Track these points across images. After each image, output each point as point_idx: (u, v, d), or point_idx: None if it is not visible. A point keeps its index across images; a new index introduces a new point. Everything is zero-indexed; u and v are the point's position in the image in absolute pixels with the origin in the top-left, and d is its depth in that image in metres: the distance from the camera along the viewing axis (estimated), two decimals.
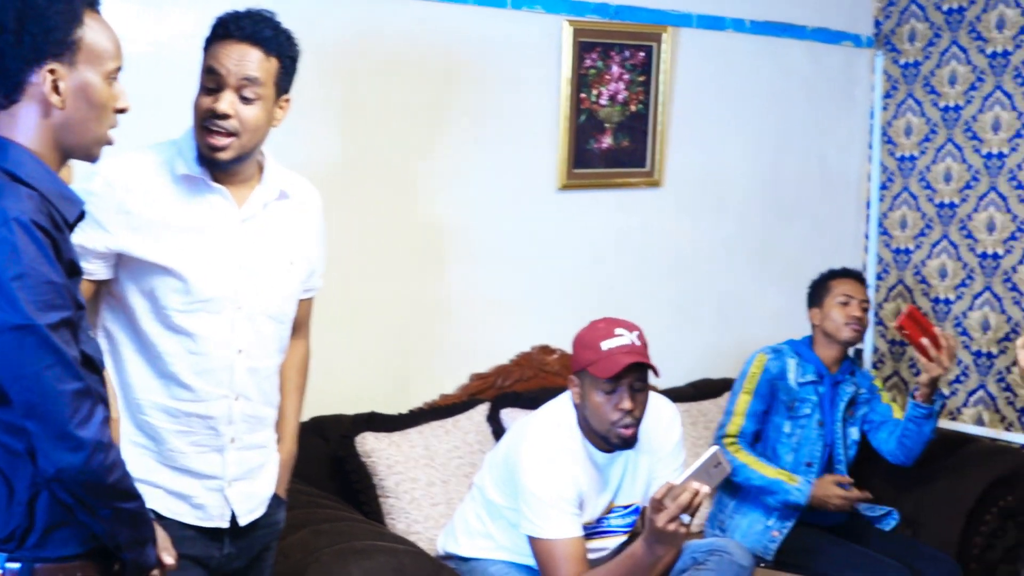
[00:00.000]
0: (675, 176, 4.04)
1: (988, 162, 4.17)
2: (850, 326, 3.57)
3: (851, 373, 3.66)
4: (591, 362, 2.79)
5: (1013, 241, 4.09)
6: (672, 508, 2.48)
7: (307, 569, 2.55)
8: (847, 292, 3.61)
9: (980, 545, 3.67)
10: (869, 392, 3.69)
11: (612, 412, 2.79)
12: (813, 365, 3.58)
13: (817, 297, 3.67)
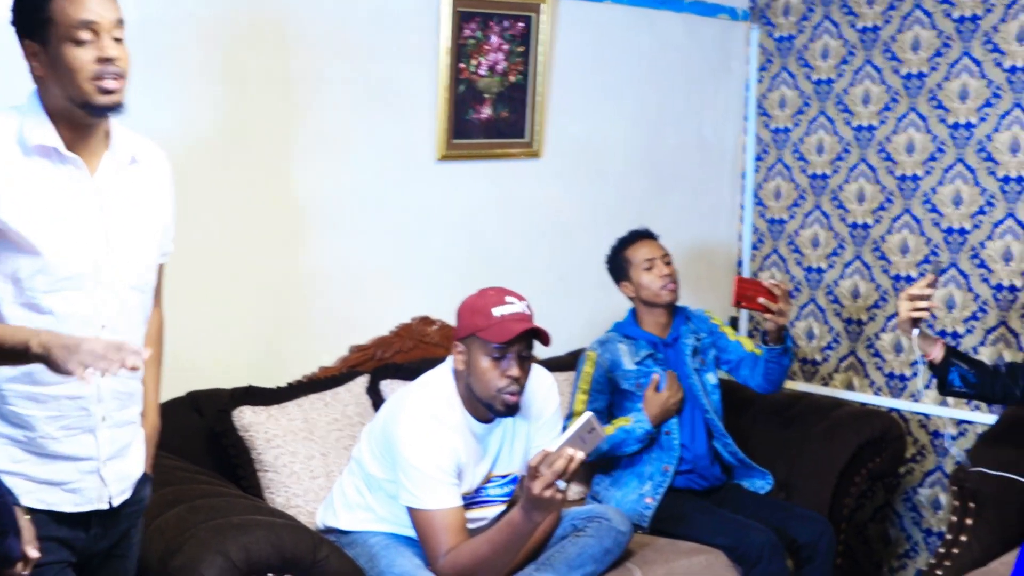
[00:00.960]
0: (554, 147, 4.06)
1: (858, 134, 4.27)
2: (666, 287, 3.60)
3: (687, 320, 3.71)
4: (482, 328, 2.80)
5: (882, 211, 4.21)
6: (548, 475, 2.51)
7: (183, 546, 2.52)
8: (647, 255, 3.63)
9: (850, 506, 3.78)
10: (710, 334, 3.74)
11: (499, 379, 2.81)
12: (644, 340, 3.61)
13: (621, 271, 3.68)
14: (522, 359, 2.84)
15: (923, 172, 4.08)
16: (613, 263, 3.73)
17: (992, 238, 3.89)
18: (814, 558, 3.42)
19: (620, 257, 3.69)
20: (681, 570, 3.27)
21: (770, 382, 3.67)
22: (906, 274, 4.13)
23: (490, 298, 2.86)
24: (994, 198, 3.88)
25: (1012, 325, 3.85)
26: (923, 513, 4.15)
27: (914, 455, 4.15)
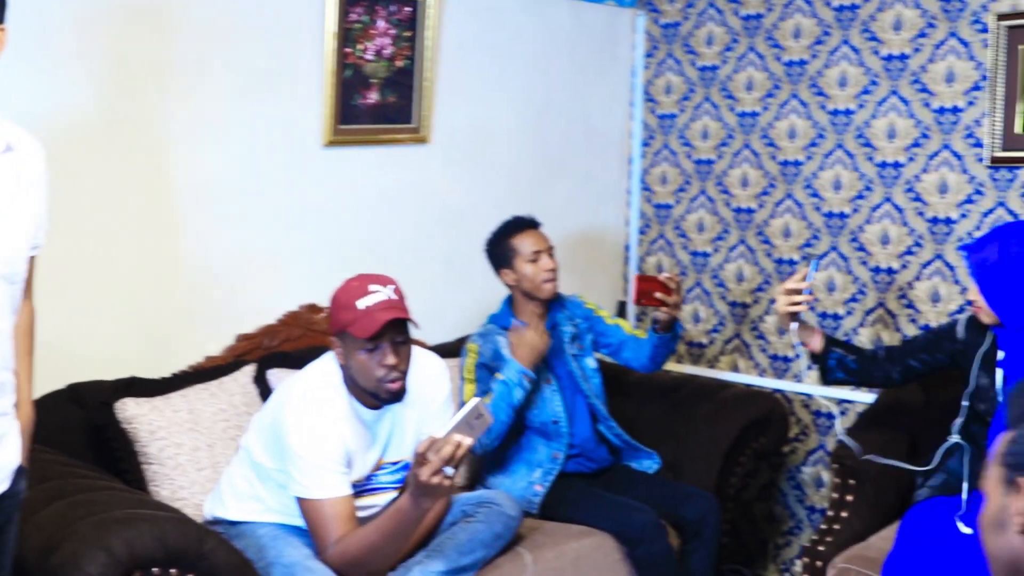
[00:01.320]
0: (442, 133, 4.05)
1: (742, 120, 4.34)
2: (548, 282, 3.58)
3: (562, 307, 3.72)
4: (349, 322, 2.77)
5: (765, 196, 4.29)
6: (435, 461, 2.50)
7: (63, 542, 2.45)
8: (534, 247, 3.59)
9: (736, 485, 3.84)
10: (586, 319, 3.76)
11: (377, 369, 2.79)
12: None
13: (504, 259, 3.62)
14: (397, 345, 2.81)
15: (804, 157, 4.16)
16: (496, 249, 3.66)
17: (871, 222, 3.99)
18: (701, 534, 3.48)
19: (505, 244, 3.63)
20: (571, 553, 3.30)
21: (656, 364, 3.72)
22: (788, 257, 4.22)
23: (353, 290, 2.82)
24: (872, 183, 3.98)
25: (890, 307, 3.95)
26: (806, 491, 4.25)
27: (797, 435, 4.24)
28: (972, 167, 3.73)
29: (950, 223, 3.79)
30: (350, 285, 2.85)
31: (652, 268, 4.67)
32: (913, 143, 3.87)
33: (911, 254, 3.89)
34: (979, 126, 3.71)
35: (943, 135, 3.79)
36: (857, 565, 3.13)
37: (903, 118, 3.89)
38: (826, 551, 3.25)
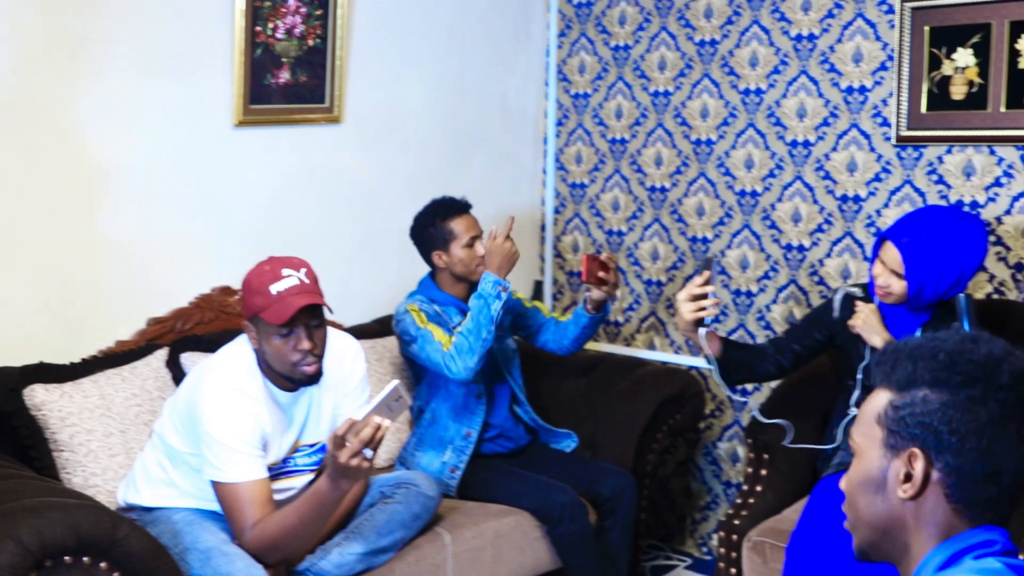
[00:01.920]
0: (355, 112, 4.01)
1: (655, 100, 4.37)
2: (479, 267, 3.56)
3: None
4: (262, 308, 2.74)
5: (679, 175, 4.32)
6: (354, 443, 2.49)
7: None
8: (471, 232, 3.58)
9: (653, 461, 3.88)
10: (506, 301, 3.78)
11: (292, 354, 2.77)
12: (454, 307, 3.61)
13: (439, 241, 3.59)
14: (311, 329, 2.79)
15: (717, 137, 4.20)
16: (429, 230, 3.61)
17: (782, 200, 4.05)
18: (617, 511, 3.52)
19: (441, 227, 3.58)
20: (490, 532, 3.31)
21: (579, 346, 3.74)
22: (702, 235, 4.26)
23: (266, 275, 2.78)
24: (783, 161, 4.03)
25: (802, 284, 4.02)
26: (722, 466, 4.31)
27: (713, 411, 4.30)
28: (880, 146, 3.80)
29: (859, 201, 3.86)
30: (262, 269, 2.81)
31: (568, 248, 4.69)
32: (822, 122, 3.93)
33: (821, 231, 3.96)
34: (886, 106, 3.77)
35: (851, 114, 3.85)
36: (771, 538, 3.19)
37: (813, 98, 3.94)
38: (741, 525, 3.30)
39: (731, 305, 4.20)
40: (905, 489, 1.46)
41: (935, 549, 1.45)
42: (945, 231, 3.05)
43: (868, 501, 1.51)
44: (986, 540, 1.44)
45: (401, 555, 3.06)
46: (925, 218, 3.11)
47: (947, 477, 1.44)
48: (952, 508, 1.45)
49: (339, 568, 2.89)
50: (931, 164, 3.69)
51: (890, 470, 1.48)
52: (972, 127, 3.57)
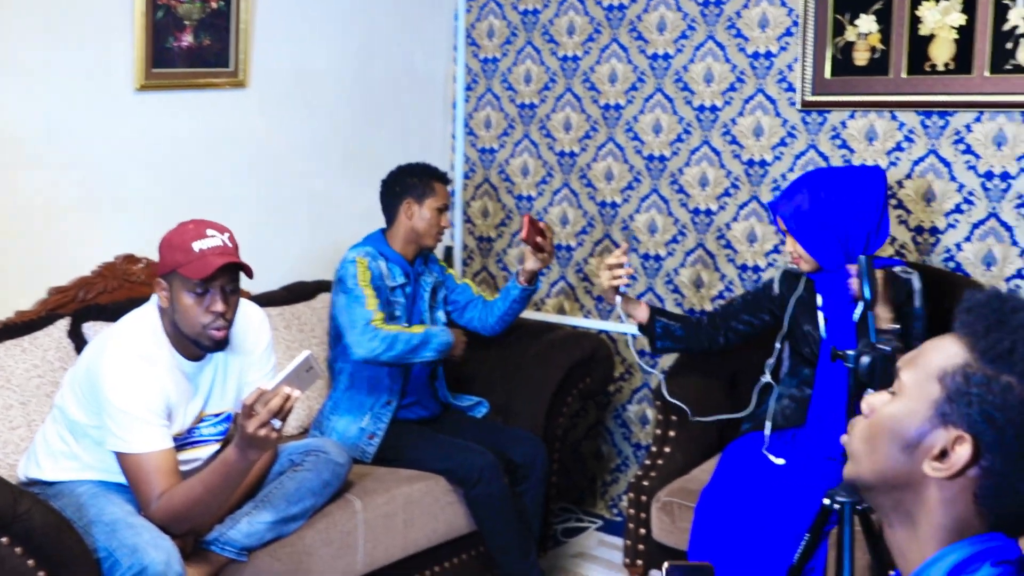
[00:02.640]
0: (261, 77, 3.95)
1: (564, 64, 4.37)
2: (436, 236, 3.63)
3: (425, 261, 3.73)
4: (182, 263, 2.70)
5: (587, 140, 4.33)
6: (263, 413, 2.46)
7: None
8: (444, 201, 3.65)
9: (564, 425, 3.91)
10: (441, 275, 3.80)
11: (203, 315, 2.73)
12: (400, 267, 3.61)
13: (420, 193, 3.63)
14: (227, 293, 2.76)
15: (625, 101, 4.22)
16: (410, 180, 3.64)
17: (690, 164, 4.08)
18: (529, 476, 3.54)
19: (427, 183, 3.64)
20: (402, 498, 3.31)
21: (504, 324, 3.76)
22: (611, 200, 4.28)
23: (190, 232, 2.76)
24: (691, 126, 4.06)
25: (709, 247, 4.06)
26: (632, 428, 4.35)
27: (622, 374, 4.33)
28: (785, 111, 3.84)
29: (765, 165, 3.90)
30: (186, 227, 2.78)
31: (477, 213, 4.68)
32: (729, 87, 3.96)
33: (728, 196, 4.00)
34: (791, 71, 3.81)
35: (757, 80, 3.89)
36: (680, 498, 3.23)
37: (719, 63, 3.97)
38: (651, 486, 3.34)
39: (640, 269, 4.23)
40: (936, 467, 1.28)
41: (952, 546, 1.28)
42: (824, 192, 3.11)
43: (889, 452, 1.32)
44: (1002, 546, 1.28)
45: (311, 523, 3.05)
46: (805, 181, 3.16)
47: (986, 479, 1.26)
48: (976, 509, 1.28)
49: (248, 537, 2.87)
50: (835, 129, 3.74)
51: (930, 437, 1.29)
52: (874, 92, 3.63)
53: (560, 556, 4.05)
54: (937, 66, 3.50)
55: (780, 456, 3.14)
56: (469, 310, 3.79)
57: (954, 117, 3.51)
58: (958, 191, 3.52)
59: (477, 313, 3.78)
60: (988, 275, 3.48)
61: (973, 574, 1.26)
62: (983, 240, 3.49)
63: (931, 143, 3.56)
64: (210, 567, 2.80)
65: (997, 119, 3.43)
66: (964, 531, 1.29)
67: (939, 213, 3.56)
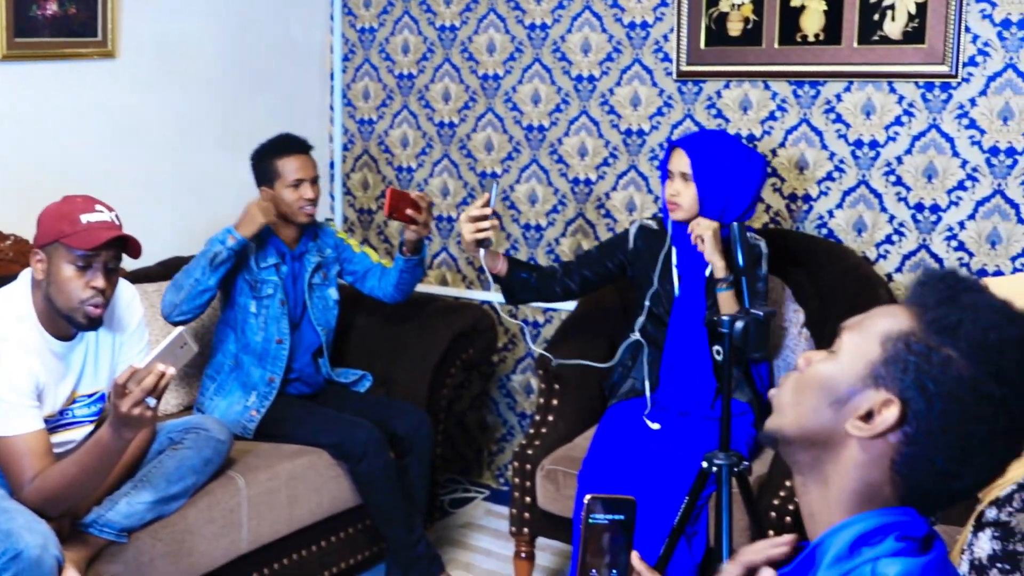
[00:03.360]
0: (132, 47, 3.84)
1: (442, 34, 4.34)
2: (304, 210, 3.54)
3: (314, 238, 3.68)
4: (67, 234, 2.63)
5: (467, 110, 4.32)
6: (136, 392, 2.40)
7: None
8: (297, 175, 3.52)
9: (448, 396, 3.91)
10: (336, 249, 3.74)
11: (82, 289, 2.66)
12: (273, 247, 3.55)
13: (266, 178, 3.55)
14: (108, 271, 2.69)
15: (504, 72, 4.21)
16: (260, 165, 3.58)
17: (569, 134, 4.10)
18: (414, 449, 3.53)
19: (269, 164, 3.54)
20: (285, 474, 3.28)
21: (402, 292, 3.71)
22: (491, 171, 4.28)
23: (77, 204, 2.69)
24: (569, 96, 4.08)
25: (589, 217, 4.09)
26: (516, 398, 4.38)
27: (506, 344, 4.35)
28: (662, 81, 3.88)
29: (643, 135, 3.94)
30: (74, 200, 2.72)
31: (358, 185, 4.64)
32: (606, 57, 3.98)
33: (607, 165, 4.03)
34: (667, 41, 3.85)
35: (634, 50, 3.92)
36: (563, 465, 3.26)
37: (596, 33, 3.99)
38: (535, 454, 3.37)
39: (521, 239, 4.24)
40: (859, 426, 1.28)
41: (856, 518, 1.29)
42: (731, 145, 3.18)
43: (816, 406, 1.32)
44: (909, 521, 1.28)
45: (193, 501, 3.00)
46: (713, 133, 3.22)
47: (906, 446, 1.26)
48: (890, 476, 1.28)
49: (128, 518, 2.81)
50: (710, 98, 3.79)
51: (859, 396, 1.29)
52: (748, 63, 3.69)
53: (448, 527, 4.06)
54: (808, 37, 3.57)
55: (656, 421, 3.19)
56: (369, 279, 3.75)
57: (824, 87, 3.59)
58: (829, 159, 3.61)
59: (376, 281, 3.74)
60: (859, 241, 3.58)
61: (875, 546, 1.26)
62: (854, 207, 3.59)
63: (803, 112, 3.63)
64: (89, 550, 2.74)
65: (866, 89, 3.52)
66: (875, 499, 1.29)
67: (811, 181, 3.64)
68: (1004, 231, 3.36)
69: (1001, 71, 3.32)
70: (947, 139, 3.42)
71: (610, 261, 3.38)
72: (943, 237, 3.46)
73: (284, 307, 3.54)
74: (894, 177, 3.51)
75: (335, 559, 3.50)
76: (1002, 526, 1.61)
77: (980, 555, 1.62)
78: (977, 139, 3.38)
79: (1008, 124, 3.33)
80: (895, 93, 3.48)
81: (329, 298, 3.70)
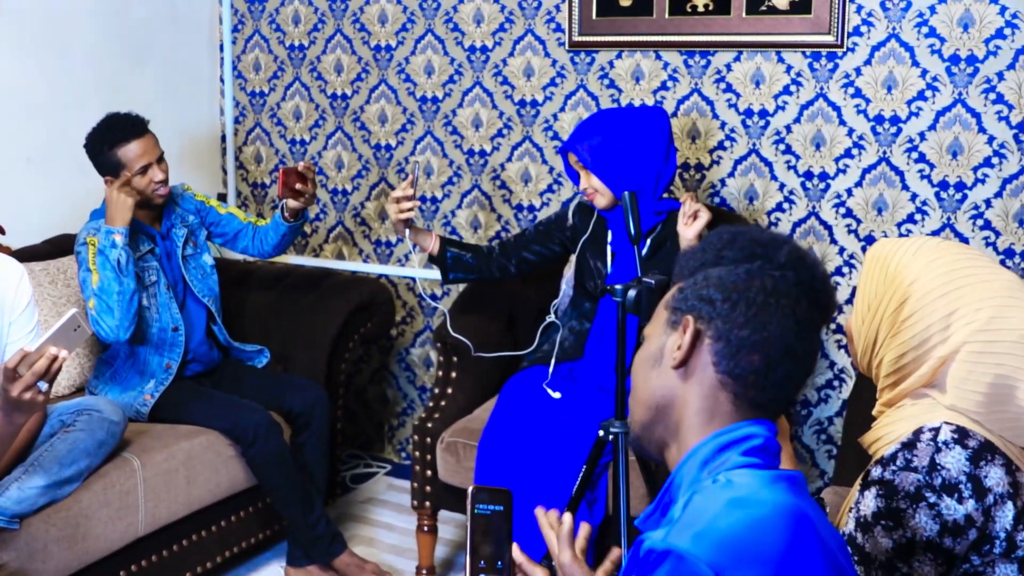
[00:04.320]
0: (8, 16, 3.72)
1: (333, 5, 4.29)
2: (157, 191, 3.40)
3: (175, 207, 3.58)
4: None
5: (360, 82, 4.28)
6: (28, 376, 2.35)
7: None
8: (143, 160, 3.36)
9: (347, 371, 3.89)
10: (197, 213, 3.65)
11: None
12: (141, 233, 3.45)
13: (110, 169, 3.37)
14: None
15: (396, 43, 4.18)
16: (99, 158, 3.38)
17: (463, 106, 4.09)
18: (311, 425, 3.51)
19: (110, 154, 3.35)
20: (182, 454, 3.23)
21: (279, 251, 3.69)
22: (386, 143, 4.25)
23: None
24: (462, 67, 4.06)
25: (485, 188, 4.09)
26: (416, 371, 4.37)
27: (404, 317, 4.34)
28: (554, 51, 3.89)
29: (536, 105, 3.95)
30: None
31: (251, 158, 4.57)
32: (499, 28, 3.97)
33: (502, 136, 4.03)
34: (559, 11, 3.86)
35: (527, 20, 3.92)
36: (463, 437, 3.27)
37: (488, 4, 3.98)
38: (434, 427, 3.37)
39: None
40: (676, 357, 1.47)
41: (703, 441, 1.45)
42: (615, 127, 3.18)
43: (644, 377, 1.52)
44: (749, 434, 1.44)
45: (87, 484, 2.94)
46: (593, 122, 3.23)
47: (715, 343, 1.45)
48: (719, 379, 1.45)
49: (20, 504, 2.75)
50: (603, 69, 3.81)
51: (667, 344, 1.50)
52: (639, 32, 3.71)
53: (349, 503, 4.05)
54: (698, 7, 3.61)
55: (557, 390, 3.22)
56: (240, 239, 3.69)
57: (715, 57, 3.63)
58: (721, 128, 3.66)
59: (249, 241, 3.68)
60: (751, 209, 3.64)
61: (724, 464, 1.41)
62: (745, 175, 3.64)
63: (694, 82, 3.67)
64: None
65: (755, 59, 3.57)
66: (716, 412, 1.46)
67: (704, 150, 3.69)
68: (890, 198, 3.45)
69: (884, 41, 3.39)
70: (834, 108, 3.49)
71: (552, 243, 3.40)
72: (831, 204, 3.54)
73: (170, 291, 3.46)
74: (784, 146, 3.58)
75: (235, 539, 3.46)
76: (885, 484, 1.67)
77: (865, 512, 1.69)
78: (863, 108, 3.45)
79: (892, 93, 3.41)
80: (783, 63, 3.54)
81: (205, 265, 3.61)
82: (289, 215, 3.58)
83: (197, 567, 3.33)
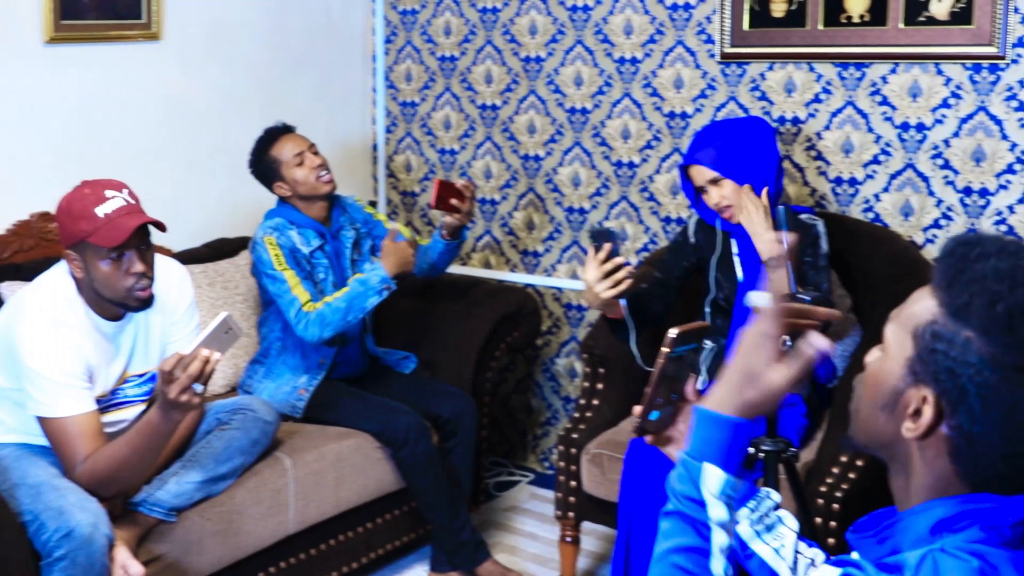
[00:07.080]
0: (175, 29, 3.86)
1: (484, 16, 4.33)
2: (321, 179, 3.52)
3: (343, 211, 3.67)
4: (90, 232, 2.62)
5: (509, 93, 4.31)
6: (183, 379, 2.42)
7: None
8: (294, 151, 3.51)
9: (493, 379, 3.91)
10: (365, 223, 3.73)
11: (124, 278, 2.67)
12: (312, 229, 3.54)
13: (272, 172, 3.53)
14: (142, 251, 2.69)
15: (546, 54, 4.20)
16: (259, 167, 3.56)
17: (612, 117, 4.08)
18: (458, 432, 3.54)
19: (266, 159, 3.53)
20: (331, 455, 3.30)
21: (437, 271, 3.77)
22: (535, 153, 4.27)
23: (88, 198, 2.65)
24: (612, 78, 4.06)
25: (633, 200, 4.07)
26: (561, 382, 4.37)
27: (550, 327, 4.35)
28: (705, 63, 3.86)
29: (686, 117, 3.92)
30: (82, 193, 2.68)
31: (401, 167, 4.64)
32: (649, 39, 3.96)
33: (651, 148, 4.01)
34: (710, 23, 3.82)
35: (677, 32, 3.90)
36: (608, 449, 3.26)
37: (639, 15, 3.97)
38: (580, 438, 3.36)
39: (565, 223, 4.23)
40: (909, 428, 1.26)
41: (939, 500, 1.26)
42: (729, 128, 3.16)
43: (872, 412, 1.32)
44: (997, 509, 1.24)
45: (241, 482, 3.03)
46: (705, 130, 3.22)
47: (957, 439, 1.23)
48: (953, 469, 1.25)
49: (177, 498, 2.84)
50: (754, 81, 3.77)
51: (905, 396, 1.26)
52: (792, 44, 3.66)
53: (492, 510, 4.07)
54: (853, 18, 3.54)
55: None
56: None
57: (870, 69, 3.55)
58: (875, 142, 3.57)
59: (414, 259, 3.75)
60: (906, 225, 3.54)
61: (959, 533, 1.23)
62: (900, 191, 3.55)
63: (848, 95, 3.60)
64: (139, 528, 2.77)
65: (912, 71, 3.48)
66: (947, 490, 1.26)
67: (857, 164, 3.61)
68: None
69: None
70: (996, 122, 3.38)
71: (684, 260, 3.34)
72: (992, 221, 3.42)
73: (336, 288, 3.54)
74: (941, 160, 3.48)
75: (381, 541, 3.52)
76: None
77: None
78: None
79: None
80: (942, 75, 3.44)
81: None
82: (447, 233, 3.63)
83: (343, 567, 3.39)
